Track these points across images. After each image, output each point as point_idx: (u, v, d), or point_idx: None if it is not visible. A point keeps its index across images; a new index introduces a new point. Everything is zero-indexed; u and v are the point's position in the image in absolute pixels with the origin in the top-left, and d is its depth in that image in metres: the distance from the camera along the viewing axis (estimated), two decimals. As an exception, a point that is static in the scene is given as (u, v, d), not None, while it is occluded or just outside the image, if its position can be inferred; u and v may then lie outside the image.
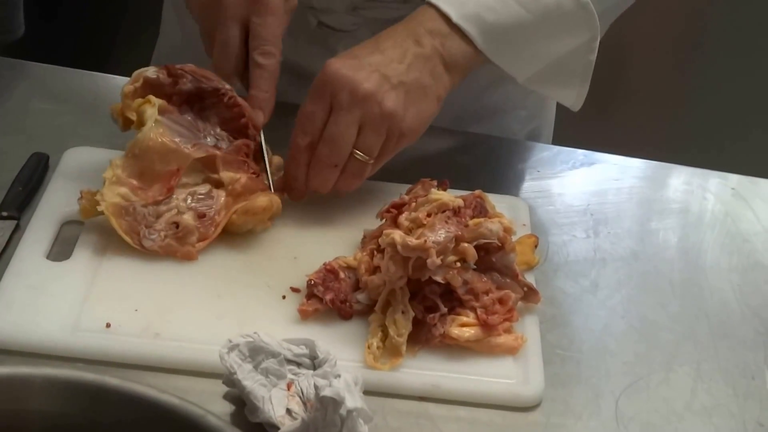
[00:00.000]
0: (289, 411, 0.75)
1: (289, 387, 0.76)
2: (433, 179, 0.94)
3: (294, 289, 0.89)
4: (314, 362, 0.78)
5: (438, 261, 0.83)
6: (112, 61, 2.04)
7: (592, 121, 1.83)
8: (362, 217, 0.97)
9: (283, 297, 0.89)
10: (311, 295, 0.87)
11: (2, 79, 1.13)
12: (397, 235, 0.84)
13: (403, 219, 0.89)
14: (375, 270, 0.87)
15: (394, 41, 0.95)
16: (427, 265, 0.83)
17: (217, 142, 0.95)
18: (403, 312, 0.84)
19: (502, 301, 0.87)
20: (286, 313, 0.87)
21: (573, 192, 1.10)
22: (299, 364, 0.78)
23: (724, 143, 2.18)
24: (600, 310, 0.95)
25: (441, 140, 1.12)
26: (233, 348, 0.77)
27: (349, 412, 0.72)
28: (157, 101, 0.92)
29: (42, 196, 0.96)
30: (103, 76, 1.17)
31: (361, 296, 0.87)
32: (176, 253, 0.90)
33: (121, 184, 0.90)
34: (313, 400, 0.74)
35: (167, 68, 0.95)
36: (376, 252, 0.89)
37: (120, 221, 0.89)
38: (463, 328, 0.85)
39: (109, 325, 0.83)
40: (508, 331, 0.86)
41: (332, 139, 0.93)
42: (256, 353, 0.77)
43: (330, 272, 0.88)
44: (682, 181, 1.15)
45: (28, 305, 0.84)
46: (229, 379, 0.77)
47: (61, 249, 0.91)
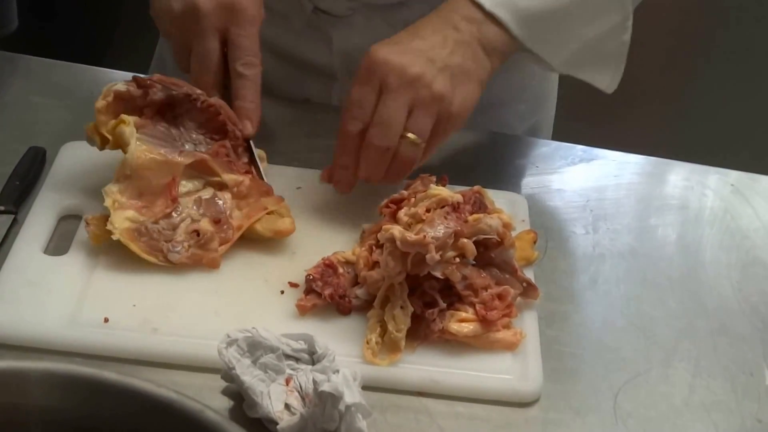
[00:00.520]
0: (287, 406, 0.75)
1: (287, 382, 0.76)
2: (432, 175, 0.94)
3: (292, 284, 0.89)
4: (313, 357, 0.78)
5: (437, 256, 0.83)
6: (109, 55, 2.03)
7: (591, 117, 1.83)
8: (361, 213, 0.97)
9: (282, 292, 0.88)
10: (310, 290, 0.87)
11: (-1, 72, 1.13)
12: (396, 230, 0.83)
13: (402, 214, 0.89)
14: (374, 265, 0.87)
15: (433, 28, 0.95)
16: (426, 261, 0.83)
17: (196, 147, 0.94)
18: (401, 307, 0.84)
19: (501, 296, 0.87)
20: (284, 309, 0.87)
21: (572, 188, 1.10)
22: (298, 359, 0.78)
23: (723, 140, 2.18)
24: (599, 306, 0.95)
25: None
26: (232, 343, 0.77)
27: (348, 407, 0.72)
28: (131, 119, 0.91)
29: (39, 191, 0.95)
30: (100, 71, 1.17)
31: (359, 291, 0.87)
32: (202, 261, 0.89)
33: (125, 209, 0.89)
34: (312, 395, 0.74)
35: (136, 80, 0.94)
36: (375, 247, 0.89)
37: (138, 244, 0.88)
38: (462, 323, 0.85)
39: (107, 320, 0.83)
40: (507, 326, 0.86)
41: (383, 121, 0.91)
42: (255, 348, 0.77)
43: (329, 267, 0.88)
44: (681, 178, 1.15)
45: (26, 300, 0.84)
46: (228, 374, 0.77)
47: (58, 243, 0.91)
